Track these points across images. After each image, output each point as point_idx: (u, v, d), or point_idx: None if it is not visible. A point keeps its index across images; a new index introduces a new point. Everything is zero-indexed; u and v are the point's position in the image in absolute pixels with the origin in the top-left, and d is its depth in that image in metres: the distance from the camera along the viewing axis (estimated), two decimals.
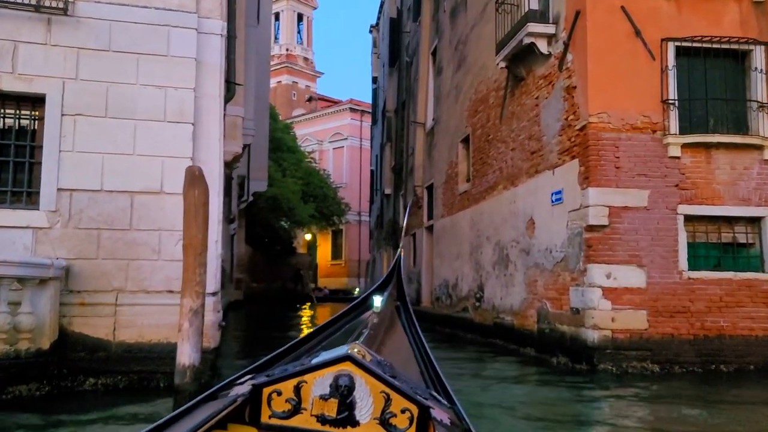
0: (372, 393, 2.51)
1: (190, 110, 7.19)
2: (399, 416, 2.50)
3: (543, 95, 10.54)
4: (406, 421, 2.50)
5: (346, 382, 2.48)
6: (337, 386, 2.49)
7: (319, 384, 2.52)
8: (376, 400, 2.51)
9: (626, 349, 8.56)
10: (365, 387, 2.51)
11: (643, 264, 8.82)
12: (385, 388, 2.51)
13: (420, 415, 2.51)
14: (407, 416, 2.50)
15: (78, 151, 6.83)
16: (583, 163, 9.10)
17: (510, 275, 11.73)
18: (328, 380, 2.51)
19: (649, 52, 9.17)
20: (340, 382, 2.48)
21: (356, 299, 4.95)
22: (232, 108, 10.84)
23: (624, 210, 8.89)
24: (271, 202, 34.36)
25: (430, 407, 2.53)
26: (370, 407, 2.51)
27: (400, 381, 2.61)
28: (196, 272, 5.60)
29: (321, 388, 2.51)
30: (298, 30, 68.35)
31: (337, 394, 2.48)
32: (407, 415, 2.50)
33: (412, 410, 2.51)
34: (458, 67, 15.80)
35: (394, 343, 4.07)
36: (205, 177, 5.79)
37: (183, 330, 5.49)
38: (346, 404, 2.49)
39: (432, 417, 2.50)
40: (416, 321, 4.60)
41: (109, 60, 7.00)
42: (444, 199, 16.83)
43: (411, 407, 2.51)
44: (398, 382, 2.57)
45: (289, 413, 2.53)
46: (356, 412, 2.50)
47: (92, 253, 6.76)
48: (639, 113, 9.11)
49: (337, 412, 2.49)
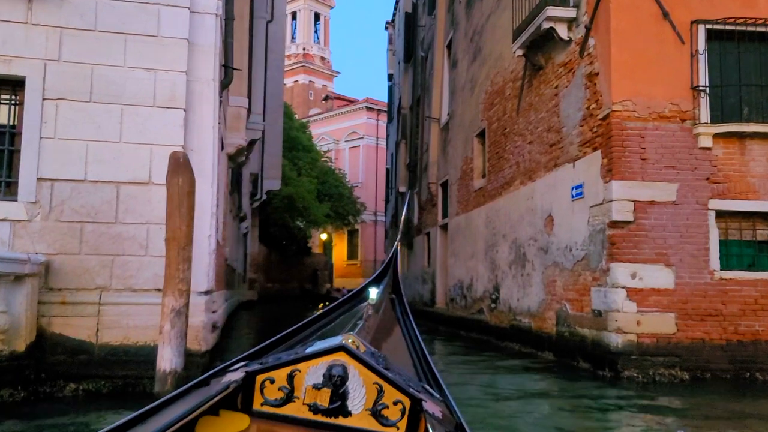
0: (365, 384, 2.51)
1: (181, 95, 6.70)
2: (391, 408, 2.51)
3: (563, 84, 9.92)
4: (398, 413, 2.51)
5: (339, 372, 2.48)
6: (330, 376, 2.48)
7: (313, 373, 2.52)
8: (368, 391, 2.51)
9: (653, 355, 7.92)
10: (358, 378, 2.51)
11: (671, 263, 8.17)
12: (378, 380, 2.51)
13: (412, 407, 2.51)
14: (399, 408, 2.51)
15: (60, 138, 6.36)
16: (606, 154, 8.47)
17: (527, 275, 11.12)
18: (322, 370, 2.51)
19: (677, 36, 8.52)
20: (334, 371, 2.48)
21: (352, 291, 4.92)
22: (236, 98, 10.40)
23: (650, 205, 8.25)
24: (286, 201, 34.04)
25: (422, 400, 2.51)
26: (363, 398, 2.51)
27: (393, 373, 2.60)
28: (179, 268, 5.10)
29: (314, 377, 2.51)
30: (315, 29, 68.15)
31: (330, 384, 2.48)
32: (399, 407, 2.51)
33: (405, 402, 2.51)
34: (473, 58, 15.20)
35: (389, 335, 4.08)
36: (190, 163, 5.29)
37: (164, 332, 4.99)
38: (339, 394, 2.49)
39: (424, 410, 2.47)
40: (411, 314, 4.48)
41: (94, 40, 6.52)
42: (459, 196, 16.24)
43: (403, 399, 2.51)
44: (391, 374, 2.56)
45: (281, 401, 2.53)
46: (348, 403, 2.51)
47: (74, 247, 6.28)
48: (667, 101, 8.46)
49: (329, 402, 2.49)
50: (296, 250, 41.17)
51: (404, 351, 3.99)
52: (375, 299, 4.07)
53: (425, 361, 3.77)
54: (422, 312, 19.77)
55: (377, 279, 4.93)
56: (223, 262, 10.93)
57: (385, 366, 2.64)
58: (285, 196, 33.32)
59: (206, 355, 6.59)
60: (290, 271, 40.77)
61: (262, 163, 25.56)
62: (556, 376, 8.48)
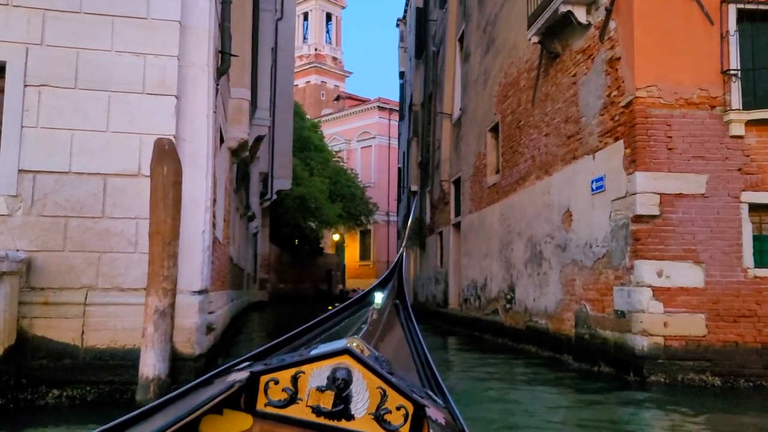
0: (368, 388, 2.50)
1: (173, 81, 6.24)
2: (394, 413, 2.50)
3: (581, 71, 9.38)
4: (400, 418, 2.49)
5: (343, 375, 2.47)
6: (334, 379, 2.47)
7: (317, 375, 2.51)
8: (372, 396, 2.50)
9: (681, 359, 7.37)
10: (362, 381, 2.50)
11: (700, 260, 7.61)
12: (381, 384, 2.50)
13: (415, 413, 2.50)
14: (402, 413, 2.50)
15: (43, 127, 5.92)
16: (629, 144, 7.93)
17: (544, 274, 10.57)
18: (326, 372, 2.50)
19: (706, 16, 7.96)
20: (338, 375, 2.48)
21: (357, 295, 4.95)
22: (237, 90, 9.95)
23: (678, 198, 7.69)
24: (298, 201, 33.70)
25: (425, 406, 2.50)
26: (366, 402, 2.50)
27: (397, 378, 2.59)
28: (163, 265, 4.66)
29: (318, 379, 2.51)
30: (327, 30, 67.94)
31: (334, 387, 2.47)
32: (402, 413, 2.50)
33: (408, 408, 2.50)
34: (486, 50, 14.67)
35: (392, 340, 4.06)
36: (176, 151, 4.83)
37: (147, 335, 4.55)
38: (342, 397, 2.48)
39: (427, 416, 2.46)
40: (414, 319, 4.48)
41: (79, 23, 6.08)
42: (472, 193, 15.70)
43: (406, 404, 2.50)
44: (395, 379, 2.56)
45: (284, 402, 2.53)
46: (352, 406, 2.49)
47: (58, 244, 5.85)
48: (695, 86, 7.90)
49: (332, 405, 2.48)
50: (308, 251, 40.84)
51: (408, 356, 4.00)
52: (380, 304, 3.99)
53: (428, 367, 3.77)
54: (435, 313, 19.27)
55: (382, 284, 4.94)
56: (226, 261, 10.50)
57: (389, 371, 2.63)
58: (297, 196, 33.00)
59: (200, 359, 6.12)
60: (303, 271, 40.44)
61: (272, 163, 25.20)
62: (575, 382, 7.94)
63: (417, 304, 24.57)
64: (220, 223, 8.76)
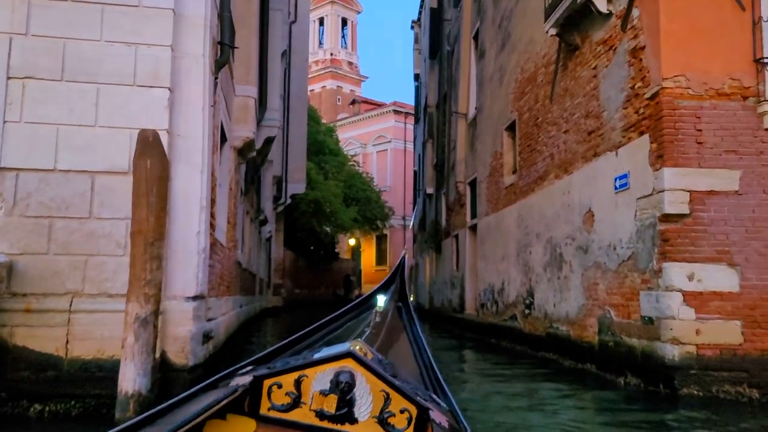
0: (372, 391, 2.50)
1: (166, 72, 5.85)
2: (398, 416, 2.49)
3: (602, 64, 8.87)
4: (404, 421, 2.49)
5: (346, 379, 2.46)
6: (337, 382, 2.46)
7: (320, 379, 2.51)
8: (375, 399, 2.50)
9: (716, 370, 6.81)
10: (365, 385, 2.50)
11: (735, 262, 7.06)
12: (385, 387, 2.50)
13: (419, 416, 2.50)
14: (406, 417, 2.49)
15: (27, 121, 5.56)
16: (656, 138, 7.41)
17: (564, 278, 10.04)
18: (329, 376, 2.49)
19: (737, 2, 7.42)
20: (341, 378, 2.47)
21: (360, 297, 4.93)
22: (243, 88, 9.59)
23: (709, 195, 7.15)
24: (313, 205, 33.37)
25: (429, 409, 2.52)
26: (369, 405, 2.49)
27: (400, 381, 2.59)
28: (145, 268, 4.25)
29: (321, 383, 2.50)
30: (343, 35, 67.88)
31: (337, 391, 2.45)
32: (406, 416, 2.49)
33: (411, 411, 2.50)
34: (502, 46, 14.18)
35: (396, 343, 4.04)
36: (162, 144, 4.43)
37: (126, 346, 4.14)
38: (346, 401, 2.47)
39: (430, 419, 2.48)
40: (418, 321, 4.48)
41: (67, 11, 5.72)
42: (488, 194, 15.19)
43: (410, 408, 2.50)
44: (399, 381, 2.55)
45: (288, 406, 2.52)
46: (355, 410, 2.48)
47: (42, 247, 5.47)
48: (726, 76, 7.36)
49: (336, 408, 2.46)
50: (324, 256, 40.51)
51: (411, 359, 3.98)
52: (382, 306, 4.01)
53: (432, 370, 3.75)
54: (451, 318, 18.77)
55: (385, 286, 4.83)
56: (231, 266, 10.10)
57: (393, 374, 2.63)
58: (311, 200, 32.69)
59: (195, 370, 5.70)
60: (318, 276, 40.12)
61: (285, 166, 24.87)
62: (600, 395, 7.42)
63: (433, 309, 24.07)
64: (222, 225, 8.36)
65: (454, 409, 3.09)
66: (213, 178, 7.00)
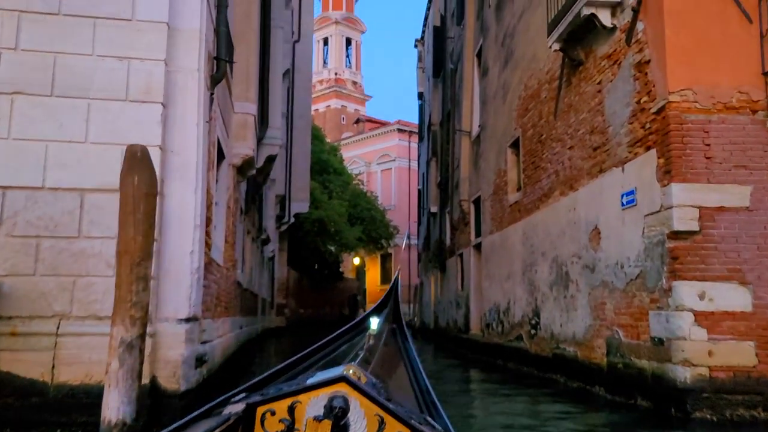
0: (366, 416, 2.47)
1: (159, 87, 5.72)
2: None
3: (606, 78, 8.71)
4: None
5: (340, 404, 2.44)
6: (331, 407, 2.44)
7: (314, 404, 2.49)
8: (369, 423, 2.48)
9: (729, 393, 6.54)
10: (359, 409, 2.48)
11: (747, 281, 6.82)
12: (379, 411, 2.49)
13: None
14: None
15: (15, 138, 5.42)
16: (663, 153, 7.21)
17: (571, 297, 9.80)
18: (323, 401, 2.48)
19: (744, 14, 7.26)
20: (335, 403, 2.44)
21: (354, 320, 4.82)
22: (243, 105, 9.47)
23: (719, 211, 6.94)
24: (317, 225, 33.21)
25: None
26: (364, 430, 2.47)
27: (394, 404, 2.57)
28: (131, 289, 4.05)
29: (315, 408, 2.48)
30: (347, 54, 68.27)
31: (331, 416, 2.43)
32: None
33: None
34: (505, 63, 14.07)
35: (390, 365, 4.01)
36: (150, 159, 4.26)
37: (110, 372, 3.93)
38: (340, 426, 2.44)
39: None
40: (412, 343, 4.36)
41: (58, 25, 5.61)
42: (492, 212, 14.99)
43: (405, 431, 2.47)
44: (393, 405, 2.54)
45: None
46: None
47: (28, 267, 5.29)
48: (734, 89, 7.18)
49: None
50: (328, 275, 40.28)
51: (406, 381, 3.95)
52: (376, 329, 3.93)
53: (426, 392, 3.71)
54: (456, 339, 18.47)
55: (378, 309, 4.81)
56: (229, 286, 9.90)
57: (387, 397, 2.62)
58: (315, 219, 32.53)
59: (187, 395, 5.49)
60: (323, 296, 39.85)
61: (288, 185, 24.77)
62: (611, 419, 7.15)
63: (438, 329, 23.76)
64: (219, 244, 8.18)
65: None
66: (209, 195, 6.84)
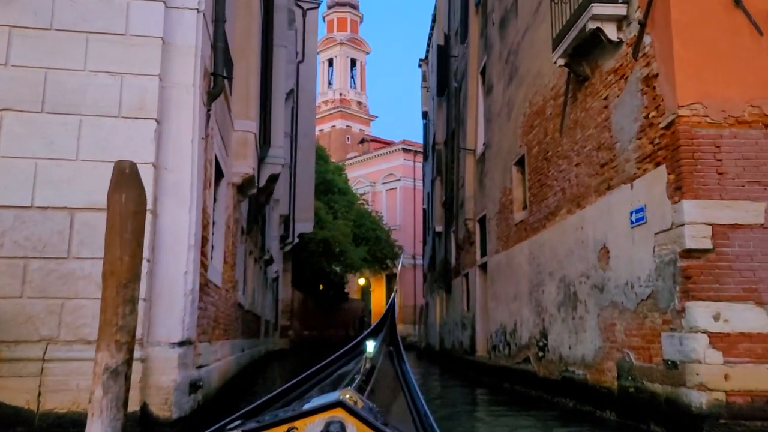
0: None
1: (153, 103, 5.57)
2: None
3: (613, 93, 8.53)
4: None
5: (337, 429, 2.43)
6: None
7: (310, 431, 2.45)
8: None
9: (748, 419, 6.25)
10: None
11: (763, 301, 6.56)
12: None
13: None
14: None
15: (3, 156, 5.27)
16: (673, 169, 7.00)
17: (579, 318, 9.53)
18: (319, 427, 2.45)
19: (754, 26, 7.09)
20: (331, 428, 2.43)
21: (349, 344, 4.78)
22: (243, 123, 9.32)
23: (733, 229, 6.70)
24: (322, 245, 33.00)
25: None
26: None
27: (391, 429, 2.57)
28: (117, 312, 3.82)
29: None
30: (352, 75, 68.59)
31: None
32: None
33: None
34: (510, 81, 13.93)
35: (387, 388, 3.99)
36: (139, 176, 4.07)
37: (93, 400, 3.68)
38: None
39: None
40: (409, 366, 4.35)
41: (49, 41, 5.48)
42: (498, 231, 14.75)
43: None
44: (390, 430, 2.53)
45: None
46: None
47: (15, 290, 5.10)
48: (745, 103, 6.98)
49: None
50: (333, 296, 39.97)
51: (403, 404, 3.91)
52: (372, 352, 3.90)
53: (425, 416, 3.67)
54: (462, 360, 18.13)
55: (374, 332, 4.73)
56: (229, 308, 9.67)
57: (384, 422, 2.60)
58: (320, 239, 32.33)
59: (179, 423, 5.24)
60: (328, 317, 39.48)
61: (293, 205, 24.62)
62: None
63: (443, 351, 23.39)
64: (217, 265, 7.97)
65: None
66: (205, 214, 6.65)
